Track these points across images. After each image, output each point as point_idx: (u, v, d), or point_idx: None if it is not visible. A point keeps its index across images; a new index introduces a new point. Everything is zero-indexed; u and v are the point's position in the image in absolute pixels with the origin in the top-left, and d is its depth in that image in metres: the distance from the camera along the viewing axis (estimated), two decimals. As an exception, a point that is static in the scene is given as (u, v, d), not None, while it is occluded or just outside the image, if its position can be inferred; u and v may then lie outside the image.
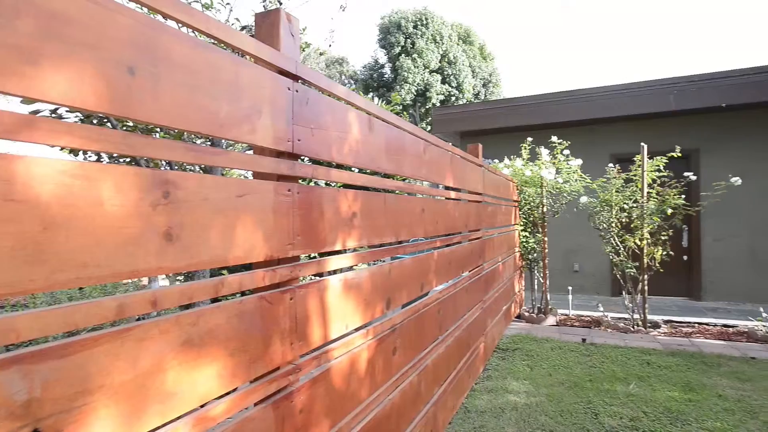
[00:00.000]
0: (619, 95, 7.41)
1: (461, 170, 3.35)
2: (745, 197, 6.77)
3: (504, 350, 4.59)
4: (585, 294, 7.65)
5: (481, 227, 3.88)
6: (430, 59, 26.71)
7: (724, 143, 7.16)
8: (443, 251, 2.80)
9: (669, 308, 6.60)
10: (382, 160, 2.02)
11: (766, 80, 6.64)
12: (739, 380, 3.72)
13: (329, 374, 1.55)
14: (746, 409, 3.18)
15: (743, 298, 6.89)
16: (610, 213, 5.61)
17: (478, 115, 8.94)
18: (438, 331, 2.68)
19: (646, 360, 4.24)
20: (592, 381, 3.73)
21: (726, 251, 7.11)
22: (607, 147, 7.65)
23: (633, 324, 5.42)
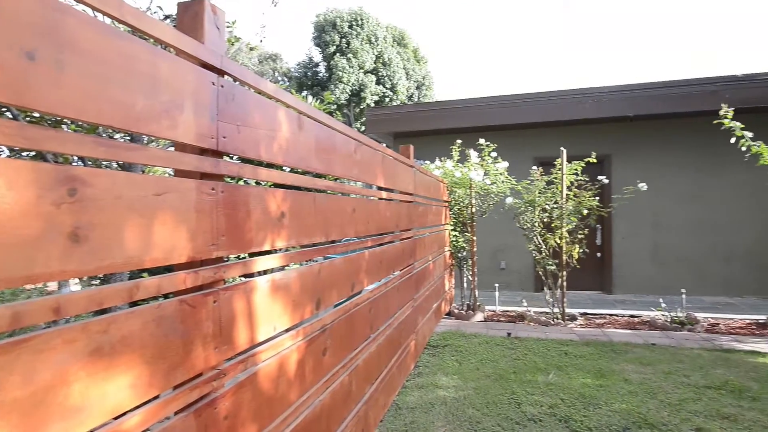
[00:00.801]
0: (542, 102, 7.87)
1: (393, 171, 3.39)
2: (648, 199, 7.43)
3: (434, 347, 4.71)
4: (511, 290, 8.04)
5: (413, 227, 3.96)
6: (365, 60, 26.82)
7: (633, 150, 7.82)
8: (374, 251, 2.83)
9: (585, 302, 7.11)
10: (312, 159, 2.00)
11: (667, 94, 7.34)
12: (641, 365, 4.09)
13: (256, 378, 1.51)
14: (647, 391, 3.50)
15: (647, 290, 7.57)
16: (533, 213, 5.93)
17: (411, 117, 9.11)
18: (369, 330, 2.70)
19: (564, 350, 4.54)
20: (516, 373, 3.93)
21: (633, 248, 7.78)
22: (531, 150, 8.09)
23: (553, 317, 5.77)
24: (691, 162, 7.57)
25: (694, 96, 7.15)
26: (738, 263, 7.36)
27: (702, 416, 3.08)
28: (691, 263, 7.56)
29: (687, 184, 7.61)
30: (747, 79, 7.05)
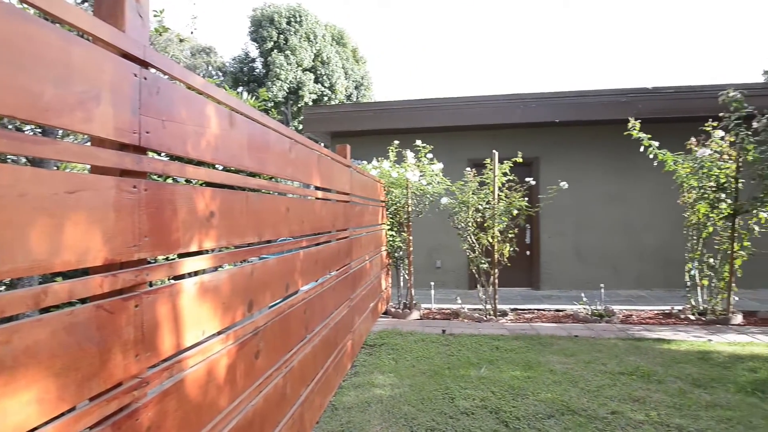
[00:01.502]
0: (476, 105, 8.16)
1: (329, 170, 3.37)
2: (572, 200, 7.93)
3: (371, 346, 4.74)
4: (446, 288, 8.26)
5: (349, 227, 3.96)
6: (303, 57, 26.44)
7: (559, 153, 8.31)
8: (310, 251, 2.80)
9: (515, 298, 7.45)
10: (244, 157, 1.95)
11: (588, 102, 7.87)
12: (565, 356, 4.35)
13: (183, 385, 1.44)
14: (570, 380, 3.73)
15: (571, 285, 8.07)
16: (467, 213, 6.13)
17: (349, 117, 9.10)
18: (304, 331, 2.67)
19: (495, 345, 4.73)
20: (450, 368, 4.04)
21: (558, 246, 8.26)
22: (465, 152, 8.35)
23: (486, 314, 6.00)
24: (610, 166, 8.17)
25: (612, 105, 7.72)
26: (649, 260, 8.04)
27: (617, 400, 3.33)
28: (609, 260, 8.15)
29: (606, 186, 8.20)
30: (656, 92, 7.71)
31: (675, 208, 6.57)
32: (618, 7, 52.89)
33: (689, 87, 7.65)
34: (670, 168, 6.01)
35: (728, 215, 5.69)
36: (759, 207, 5.53)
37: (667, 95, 7.66)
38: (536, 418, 3.07)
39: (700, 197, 5.84)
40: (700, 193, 5.82)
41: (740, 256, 5.73)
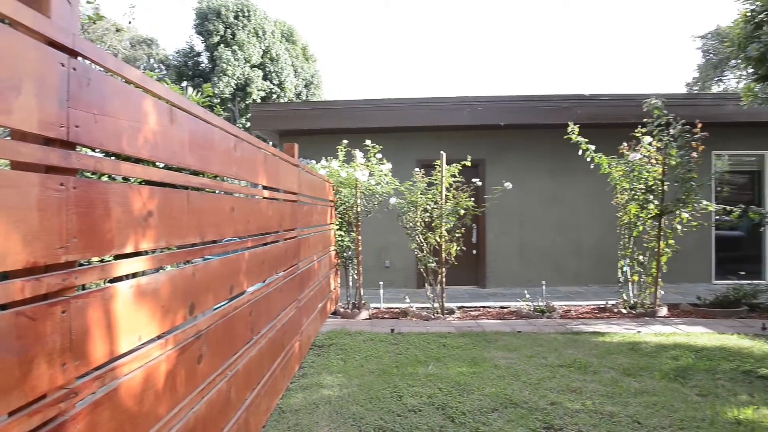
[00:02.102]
0: (425, 107, 8.28)
1: (276, 169, 3.31)
2: (516, 200, 8.22)
3: (320, 347, 4.70)
4: (395, 288, 8.33)
5: (297, 227, 3.90)
6: (251, 53, 25.79)
7: (504, 155, 8.59)
8: (255, 251, 2.73)
9: (462, 296, 7.63)
10: (186, 155, 1.87)
11: (532, 107, 8.20)
12: (509, 351, 4.51)
13: (117, 394, 1.37)
14: (513, 374, 3.87)
15: (515, 283, 8.37)
16: (415, 213, 6.21)
17: (298, 115, 8.98)
18: (250, 333, 2.60)
19: (443, 343, 4.82)
20: (399, 367, 4.08)
21: (503, 245, 8.55)
22: (414, 153, 8.46)
23: (434, 312, 6.11)
24: (552, 167, 8.54)
25: (553, 110, 8.08)
26: (586, 257, 8.48)
27: (556, 392, 3.49)
28: (550, 258, 8.53)
29: (548, 187, 8.57)
30: (593, 99, 8.15)
31: (610, 209, 6.97)
32: (560, 17, 55.46)
33: (622, 95, 8.14)
34: (605, 171, 6.37)
35: (655, 215, 6.11)
36: (681, 208, 5.98)
37: (602, 102, 8.12)
38: (481, 412, 3.16)
39: (631, 198, 6.24)
40: (632, 194, 6.22)
41: (666, 253, 6.17)
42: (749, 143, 8.55)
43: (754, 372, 3.85)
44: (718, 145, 8.13)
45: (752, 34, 4.16)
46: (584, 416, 3.09)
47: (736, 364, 4.04)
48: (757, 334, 5.01)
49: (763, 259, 8.72)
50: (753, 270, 8.67)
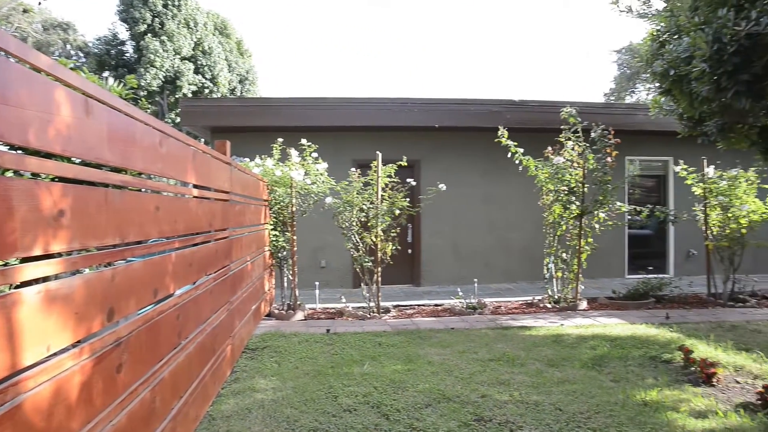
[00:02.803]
0: (362, 107, 8.30)
1: (206, 167, 3.19)
2: (450, 201, 8.44)
3: (253, 350, 4.57)
4: (331, 288, 8.28)
5: (229, 226, 3.78)
6: (181, 45, 24.56)
7: (439, 156, 8.81)
8: (183, 252, 2.61)
9: (398, 295, 7.74)
10: (104, 150, 1.75)
11: (465, 110, 8.47)
12: (442, 347, 4.64)
13: (20, 411, 1.25)
14: (446, 370, 3.98)
15: (449, 281, 8.61)
16: (351, 213, 6.22)
17: (232, 112, 8.68)
18: (177, 338, 2.48)
19: (378, 341, 4.86)
20: (334, 367, 4.06)
21: (438, 245, 8.77)
22: (350, 153, 8.45)
23: (370, 311, 6.14)
24: (484, 169, 8.87)
25: (485, 114, 8.40)
26: (515, 255, 8.90)
27: (486, 385, 3.64)
28: (482, 256, 8.86)
29: (480, 188, 8.90)
30: (522, 104, 8.57)
31: (537, 209, 7.36)
32: (493, 24, 57.76)
33: (549, 102, 8.62)
34: (533, 173, 6.72)
35: (577, 215, 6.54)
36: (599, 208, 6.45)
37: (531, 108, 8.56)
38: (415, 408, 3.22)
39: (555, 199, 6.63)
40: (556, 195, 6.61)
41: (586, 250, 6.62)
42: (656, 150, 9.36)
43: (658, 357, 4.23)
44: (630, 151, 8.84)
45: (658, 51, 4.55)
46: (512, 407, 3.24)
47: (644, 351, 4.41)
48: (662, 323, 5.51)
49: (667, 255, 9.59)
50: (659, 265, 9.53)
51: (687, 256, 9.44)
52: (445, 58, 61.45)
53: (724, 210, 6.85)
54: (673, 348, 4.36)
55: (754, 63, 3.52)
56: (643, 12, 5.02)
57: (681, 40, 4.11)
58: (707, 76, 3.70)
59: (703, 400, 3.33)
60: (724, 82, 3.61)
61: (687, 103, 4.30)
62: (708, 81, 3.74)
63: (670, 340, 4.75)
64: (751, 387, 3.53)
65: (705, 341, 4.64)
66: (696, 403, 3.27)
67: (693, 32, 3.78)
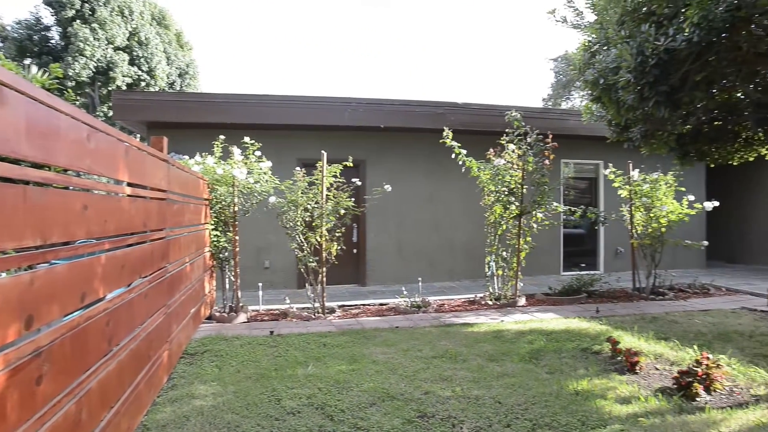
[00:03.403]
0: (307, 105, 8.20)
1: (141, 164, 3.03)
2: (395, 201, 8.55)
3: (192, 354, 4.40)
4: (275, 289, 8.13)
5: (166, 226, 3.61)
6: (115, 34, 23.15)
7: (384, 157, 8.87)
8: (115, 254, 2.47)
9: (343, 294, 7.72)
10: (22, 144, 1.62)
11: (410, 111, 8.58)
12: (387, 346, 4.68)
13: None
14: (390, 368, 4.02)
15: (394, 280, 8.69)
16: (296, 213, 6.13)
17: (170, 106, 8.31)
18: (107, 345, 2.34)
19: (323, 342, 4.83)
20: (278, 370, 3.99)
21: (383, 244, 8.83)
22: (295, 152, 8.34)
23: (315, 312, 6.08)
24: (429, 170, 9.04)
25: (429, 115, 8.55)
26: (458, 254, 9.14)
27: (429, 381, 3.71)
28: (426, 255, 9.02)
29: (425, 188, 9.05)
30: (465, 107, 8.81)
31: (479, 209, 7.59)
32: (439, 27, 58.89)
33: (491, 106, 8.92)
34: (475, 174, 6.93)
35: (516, 215, 6.81)
36: (536, 208, 6.75)
37: (473, 111, 8.81)
38: (360, 408, 3.23)
39: (496, 200, 6.87)
40: (497, 196, 6.85)
41: (524, 249, 6.92)
42: (588, 154, 9.94)
43: (589, 349, 4.49)
44: (566, 154, 9.33)
45: (589, 61, 4.85)
46: (454, 402, 3.32)
47: (576, 343, 4.67)
48: (593, 317, 5.85)
49: (598, 253, 10.21)
50: (591, 262, 10.13)
51: (615, 254, 10.09)
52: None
53: (646, 210, 7.38)
54: (602, 340, 4.64)
55: (671, 75, 3.83)
56: (576, 23, 5.30)
57: (609, 52, 4.39)
58: (632, 86, 3.98)
59: (627, 387, 3.57)
60: (646, 92, 3.90)
61: (614, 110, 4.60)
62: (632, 90, 4.02)
63: (599, 332, 5.06)
64: (668, 373, 3.83)
65: (630, 332, 4.98)
66: (621, 390, 3.50)
67: (620, 44, 4.05)
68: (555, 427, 2.95)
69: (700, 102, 4.97)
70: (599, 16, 4.77)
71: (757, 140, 5.98)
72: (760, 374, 3.77)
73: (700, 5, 3.46)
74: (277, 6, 59.62)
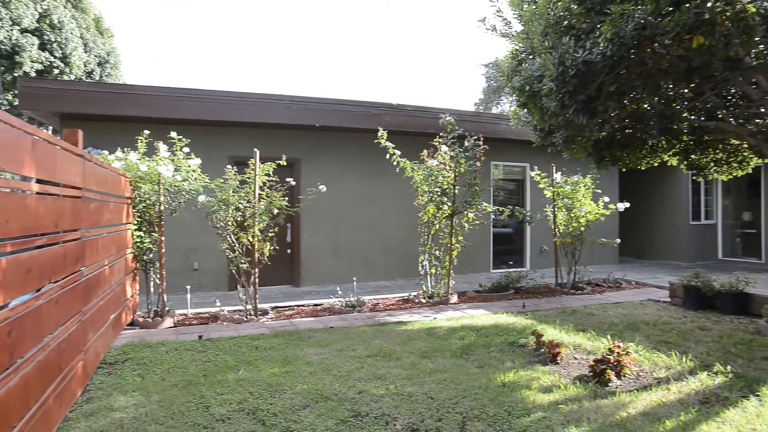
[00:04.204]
0: (240, 102, 7.93)
1: (52, 159, 2.79)
2: (331, 200, 8.51)
3: (112, 364, 4.12)
4: (205, 291, 7.81)
5: (81, 227, 3.35)
6: (22, 15, 21.07)
7: (319, 156, 8.79)
8: (19, 257, 2.25)
9: (276, 296, 7.56)
10: None
11: (347, 111, 8.57)
12: (321, 347, 4.64)
13: None
14: (324, 369, 3.99)
15: (329, 280, 8.65)
16: (227, 212, 5.92)
17: (87, 97, 7.68)
18: (9, 358, 2.13)
19: (255, 345, 4.70)
20: (206, 375, 3.84)
21: (318, 244, 8.75)
22: (227, 149, 8.05)
23: (247, 314, 5.91)
24: (364, 170, 9.07)
25: (365, 115, 8.59)
26: (393, 253, 9.25)
27: (363, 381, 3.73)
28: (361, 255, 9.06)
29: (360, 188, 9.08)
30: (400, 108, 8.93)
31: (412, 209, 7.73)
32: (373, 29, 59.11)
33: (425, 108, 9.11)
34: (409, 174, 7.06)
35: (449, 215, 7.02)
36: (468, 208, 7.00)
37: (408, 112, 8.95)
38: (293, 411, 3.18)
39: (430, 200, 7.04)
40: (430, 196, 7.02)
41: (456, 248, 7.14)
42: (517, 156, 10.44)
43: (516, 342, 4.72)
44: (496, 156, 9.75)
45: (516, 68, 5.09)
46: (388, 400, 3.36)
47: (504, 337, 4.89)
48: (519, 312, 6.16)
49: (525, 251, 10.75)
50: (518, 260, 10.66)
51: (540, 252, 10.68)
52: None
53: (568, 211, 7.89)
54: (527, 333, 4.90)
55: (588, 86, 4.11)
56: (505, 32, 5.54)
57: (534, 61, 4.63)
58: (554, 94, 4.23)
59: (549, 376, 3.80)
60: (567, 100, 4.16)
61: (539, 116, 4.86)
62: (555, 98, 4.27)
63: (525, 326, 5.33)
64: (585, 361, 4.12)
65: (553, 325, 5.30)
66: (544, 380, 3.72)
67: (543, 54, 4.28)
68: (483, 418, 3.07)
69: (613, 111, 5.39)
70: (525, 26, 5.01)
71: (660, 147, 6.59)
72: (661, 359, 4.16)
73: (612, 23, 3.75)
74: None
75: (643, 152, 6.52)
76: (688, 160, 6.86)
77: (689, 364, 4.04)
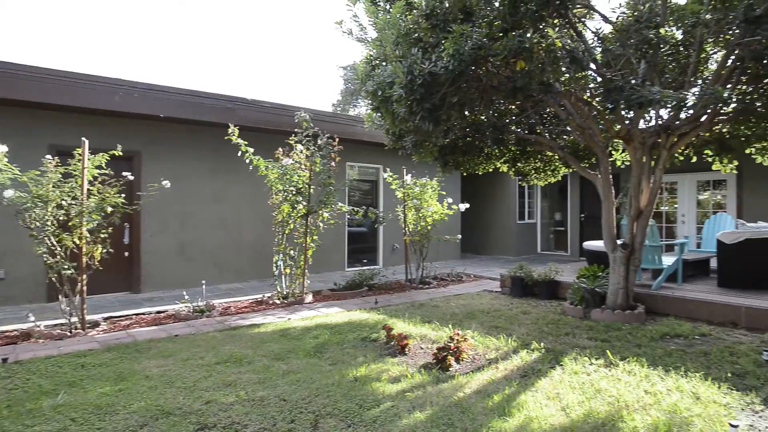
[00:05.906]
0: (66, 82, 6.82)
1: None
2: (177, 198, 7.84)
3: None
4: (14, 304, 6.57)
5: None
6: None
7: (165, 150, 8.03)
8: None
9: (112, 305, 6.70)
10: None
11: (197, 102, 7.96)
12: (163, 358, 4.25)
13: None
14: (166, 382, 3.66)
15: (175, 285, 7.95)
16: (45, 210, 5.06)
17: None
18: None
19: (80, 363, 4.11)
20: (11, 406, 3.23)
21: (161, 246, 7.99)
22: (46, 136, 6.89)
23: (71, 328, 5.13)
24: (216, 166, 8.54)
25: (217, 109, 8.10)
26: (246, 254, 8.89)
27: (211, 390, 3.51)
28: (212, 256, 8.52)
29: (211, 185, 8.52)
30: (255, 104, 8.62)
31: (267, 208, 7.53)
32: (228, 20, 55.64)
33: (281, 105, 8.93)
34: (263, 173, 6.86)
35: (304, 215, 7.00)
36: (323, 208, 7.07)
37: (263, 108, 8.68)
38: (126, 432, 2.85)
39: (284, 199, 6.93)
40: (285, 195, 6.91)
41: (311, 247, 7.16)
42: (371, 158, 10.85)
43: (368, 338, 4.91)
44: (351, 157, 10.01)
45: (370, 73, 5.30)
46: (238, 407, 3.22)
47: (357, 333, 5.05)
48: (372, 308, 6.42)
49: (378, 249, 11.24)
50: (372, 258, 11.11)
51: (392, 250, 11.27)
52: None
53: (417, 211, 8.46)
54: (379, 328, 5.12)
55: (433, 95, 4.47)
56: (361, 37, 5.71)
57: (386, 67, 4.87)
58: (403, 101, 4.50)
59: (398, 367, 4.03)
60: (414, 107, 4.46)
61: (390, 120, 5.13)
62: (404, 104, 4.54)
63: (377, 321, 5.57)
64: (430, 350, 4.46)
65: (402, 319, 5.63)
66: (393, 371, 3.93)
67: (395, 62, 4.53)
68: (336, 414, 3.13)
69: (456, 120, 5.95)
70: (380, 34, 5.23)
71: (494, 155, 7.48)
72: (492, 342, 4.71)
73: (454, 40, 4.13)
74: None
75: (480, 159, 7.32)
76: (515, 168, 7.91)
77: (513, 344, 4.64)
